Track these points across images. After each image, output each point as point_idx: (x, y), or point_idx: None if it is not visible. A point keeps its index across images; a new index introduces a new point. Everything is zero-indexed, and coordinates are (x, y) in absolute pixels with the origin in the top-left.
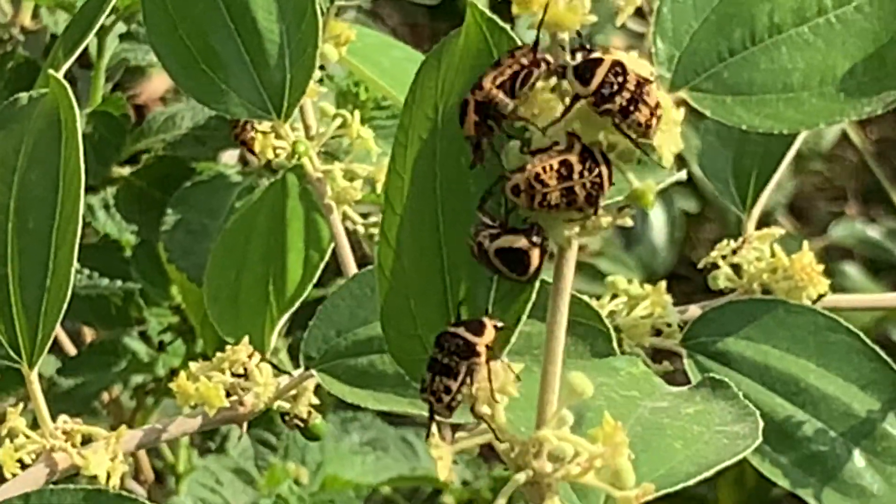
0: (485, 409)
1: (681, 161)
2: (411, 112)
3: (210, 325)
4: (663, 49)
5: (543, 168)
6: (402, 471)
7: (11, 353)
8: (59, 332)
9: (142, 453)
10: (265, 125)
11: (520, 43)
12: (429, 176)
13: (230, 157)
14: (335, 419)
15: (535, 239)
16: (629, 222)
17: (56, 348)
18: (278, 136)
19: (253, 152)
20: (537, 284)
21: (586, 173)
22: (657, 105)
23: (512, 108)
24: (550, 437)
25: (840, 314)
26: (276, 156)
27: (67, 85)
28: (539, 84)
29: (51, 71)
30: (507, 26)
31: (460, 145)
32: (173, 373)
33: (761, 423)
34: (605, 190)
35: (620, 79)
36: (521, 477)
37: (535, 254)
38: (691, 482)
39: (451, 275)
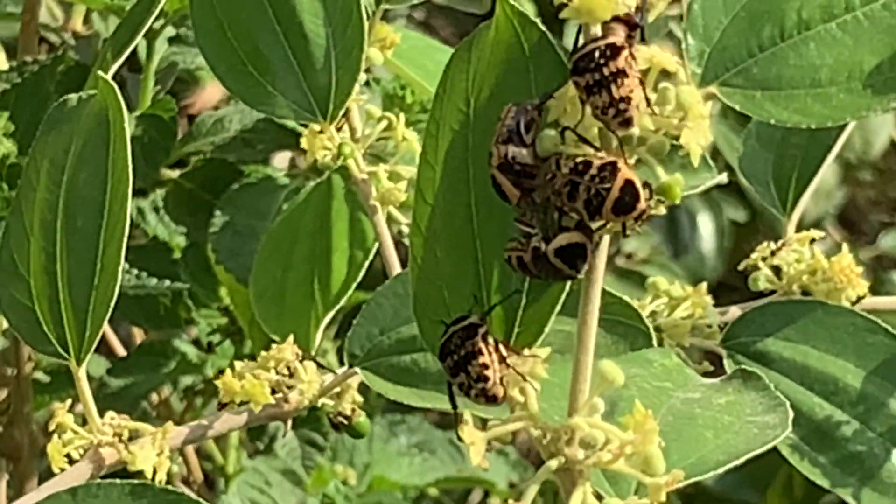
0: (518, 397)
1: (726, 168)
2: (442, 104)
3: (258, 326)
4: (694, 45)
5: (567, 156)
6: (449, 472)
7: (60, 351)
8: (109, 333)
9: (191, 455)
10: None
11: (549, 37)
12: (461, 167)
13: (281, 160)
14: (383, 422)
15: (587, 233)
16: (662, 210)
17: (106, 350)
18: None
19: None
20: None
21: (597, 180)
22: (626, 99)
23: (529, 155)
24: (582, 424)
25: (882, 318)
26: (323, 157)
27: (115, 86)
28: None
29: (99, 72)
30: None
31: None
32: (221, 373)
33: (791, 414)
34: (608, 206)
35: (602, 59)
36: (553, 463)
37: (590, 247)
38: (721, 470)
39: (485, 265)
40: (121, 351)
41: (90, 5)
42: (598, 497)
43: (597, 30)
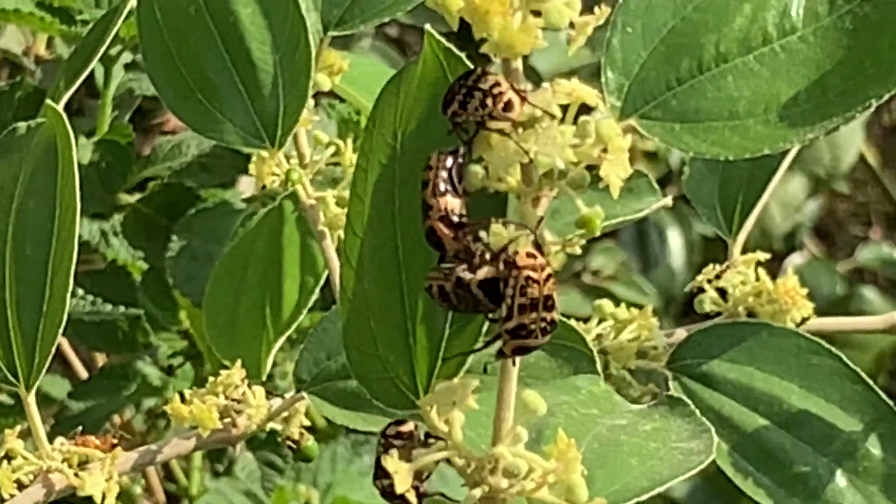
0: (442, 427)
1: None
2: (372, 137)
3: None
4: (613, 79)
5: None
6: None
7: (10, 377)
8: (71, 356)
9: (153, 476)
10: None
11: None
12: (388, 200)
13: (247, 183)
14: (346, 442)
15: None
16: (578, 251)
17: (69, 373)
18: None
19: None
20: None
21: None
22: (497, 88)
23: (463, 205)
24: (505, 453)
25: (855, 337)
26: (272, 183)
27: (64, 115)
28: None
29: (48, 101)
30: (464, 56)
31: (418, 170)
32: (182, 396)
33: (716, 440)
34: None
35: (486, 87)
36: (477, 492)
37: None
38: (644, 497)
39: (410, 296)
40: (83, 374)
41: (48, 32)
42: None
43: (517, 64)
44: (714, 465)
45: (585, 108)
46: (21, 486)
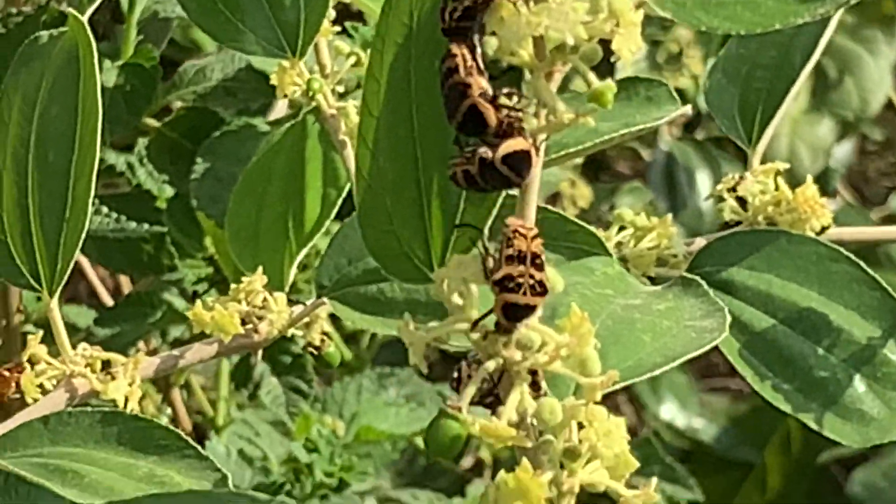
0: (456, 300)
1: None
2: (388, 19)
3: (242, 274)
4: None
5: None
6: None
7: (32, 283)
8: (98, 286)
9: (179, 406)
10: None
11: None
12: (404, 79)
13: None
14: (372, 375)
15: (530, 139)
16: (591, 122)
17: (96, 301)
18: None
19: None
20: None
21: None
22: None
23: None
24: (519, 325)
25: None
26: (293, 93)
27: (86, 23)
28: None
29: (70, 9)
30: None
31: (434, 48)
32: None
33: (729, 318)
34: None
35: None
36: (491, 364)
37: (534, 153)
38: (657, 372)
39: (425, 172)
40: (109, 302)
41: None
42: (536, 398)
43: None
44: (742, 408)
45: None
46: (45, 391)
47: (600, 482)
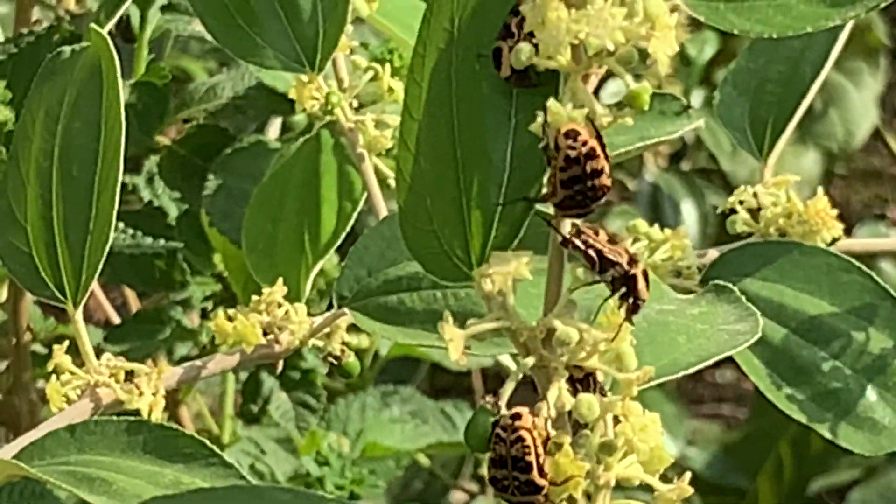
0: (496, 297)
1: (710, 157)
2: (429, 25)
3: (251, 292)
4: None
5: None
6: (442, 440)
7: (58, 294)
8: (105, 304)
9: (187, 423)
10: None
11: None
12: (445, 82)
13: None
14: (376, 393)
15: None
16: (629, 121)
17: (103, 321)
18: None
19: None
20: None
21: None
22: None
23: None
24: (557, 322)
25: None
26: (311, 107)
27: (108, 36)
28: None
29: (92, 24)
30: None
31: (474, 53)
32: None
33: (762, 322)
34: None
35: None
36: (529, 361)
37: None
38: (691, 370)
39: (465, 173)
40: (117, 320)
41: None
42: (574, 394)
43: None
44: (734, 435)
45: None
46: (69, 401)
47: (636, 476)
